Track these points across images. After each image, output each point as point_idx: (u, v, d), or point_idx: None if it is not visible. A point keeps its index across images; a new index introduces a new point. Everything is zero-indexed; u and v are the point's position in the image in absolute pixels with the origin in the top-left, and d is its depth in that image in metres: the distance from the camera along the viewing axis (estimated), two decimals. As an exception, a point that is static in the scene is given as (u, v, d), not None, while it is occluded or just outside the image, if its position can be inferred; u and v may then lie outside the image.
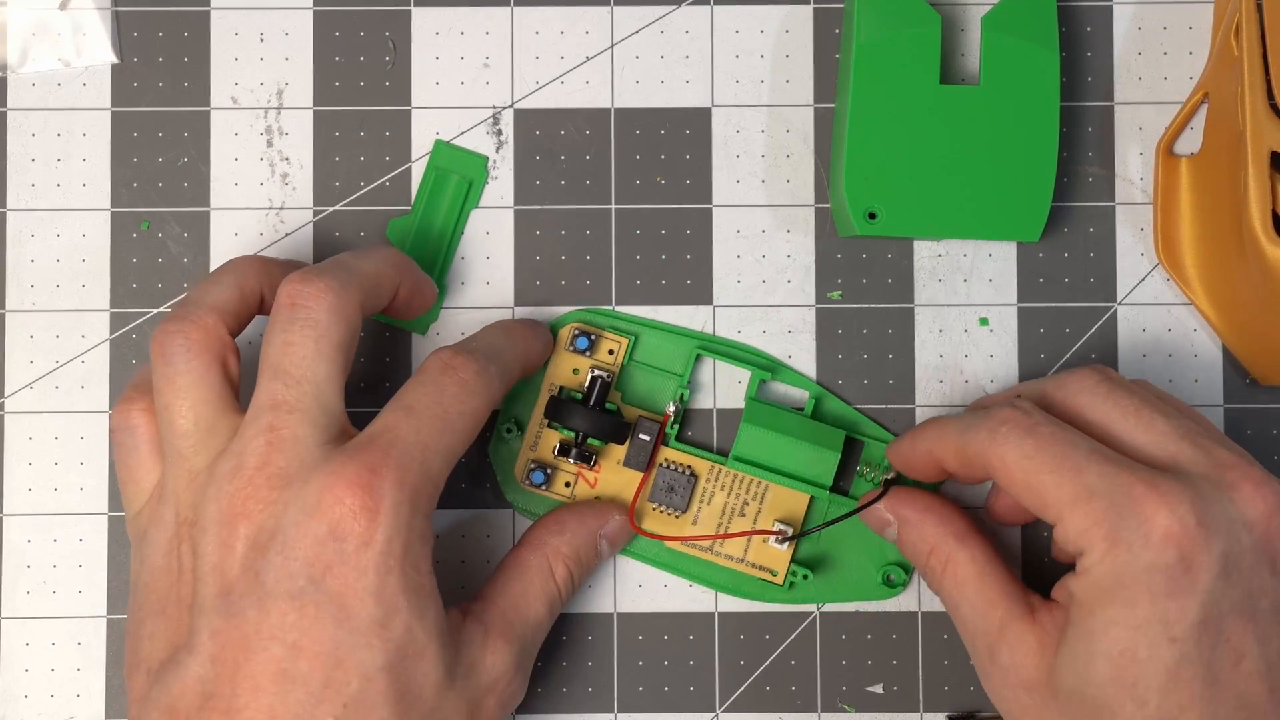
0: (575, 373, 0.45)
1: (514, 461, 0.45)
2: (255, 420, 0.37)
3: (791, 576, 0.45)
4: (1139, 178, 0.46)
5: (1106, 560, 0.36)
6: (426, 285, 0.43)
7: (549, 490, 0.45)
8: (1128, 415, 0.38)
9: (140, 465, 0.40)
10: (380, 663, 0.36)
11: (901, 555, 0.44)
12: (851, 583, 0.45)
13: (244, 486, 0.36)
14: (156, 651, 0.38)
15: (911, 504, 0.42)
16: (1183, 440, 0.38)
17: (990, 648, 0.39)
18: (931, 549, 0.41)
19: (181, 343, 0.38)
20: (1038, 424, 0.38)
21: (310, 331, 0.38)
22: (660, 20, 0.46)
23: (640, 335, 0.45)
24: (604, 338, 0.45)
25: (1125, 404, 0.39)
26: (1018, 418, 0.38)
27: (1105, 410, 0.39)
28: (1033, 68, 0.44)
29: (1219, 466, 0.37)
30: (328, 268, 0.39)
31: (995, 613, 0.39)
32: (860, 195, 0.43)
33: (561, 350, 0.45)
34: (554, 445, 0.44)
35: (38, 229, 0.46)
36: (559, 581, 0.42)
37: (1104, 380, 0.40)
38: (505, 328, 0.43)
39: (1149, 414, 0.38)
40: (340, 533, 0.36)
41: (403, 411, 0.38)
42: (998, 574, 0.40)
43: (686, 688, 0.45)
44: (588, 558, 0.43)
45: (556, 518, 0.43)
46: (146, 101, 0.46)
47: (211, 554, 0.36)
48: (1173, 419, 0.38)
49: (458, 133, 0.46)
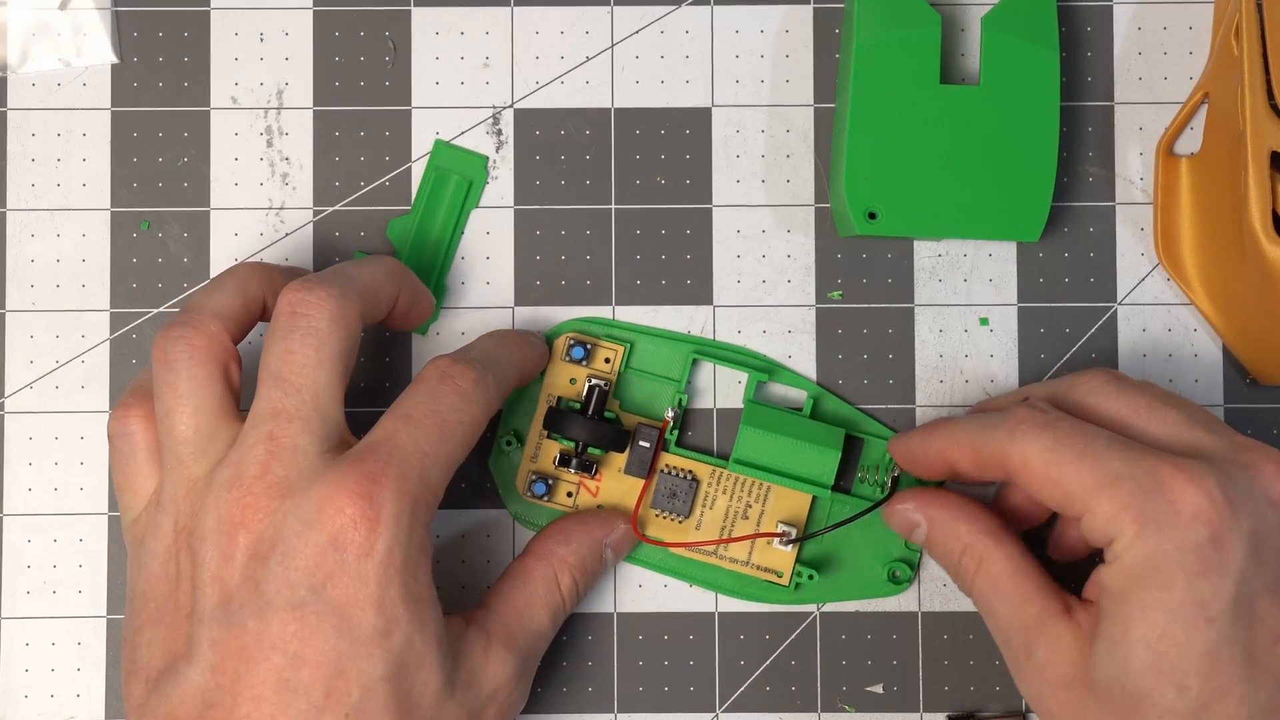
0: (572, 382, 0.45)
1: (515, 474, 0.45)
2: (255, 428, 0.37)
3: (797, 577, 0.45)
4: (1139, 178, 0.46)
5: (1137, 543, 0.36)
6: (425, 296, 0.43)
7: (551, 501, 0.45)
8: (1140, 411, 0.39)
9: (138, 472, 0.39)
10: (381, 672, 0.36)
11: (913, 553, 0.45)
12: (857, 581, 0.45)
13: (243, 495, 0.36)
14: (155, 660, 0.37)
15: (942, 504, 0.42)
16: (1198, 428, 0.38)
17: (1027, 645, 0.39)
18: (964, 548, 0.41)
19: (184, 349, 0.38)
20: (1056, 419, 0.38)
21: (311, 340, 0.38)
22: (660, 20, 0.46)
23: (635, 342, 0.45)
24: (599, 346, 0.45)
25: (1137, 400, 0.39)
26: (1035, 415, 0.38)
27: (1118, 407, 0.39)
28: (1033, 68, 0.44)
29: (1239, 449, 0.37)
30: (328, 276, 0.39)
31: (1031, 609, 0.39)
32: (860, 195, 0.43)
33: (557, 360, 0.45)
34: (554, 456, 0.44)
35: (38, 229, 0.46)
36: (564, 592, 0.42)
37: (1112, 379, 0.40)
38: (501, 337, 0.43)
39: (1162, 407, 0.39)
40: (341, 542, 0.36)
41: (401, 420, 0.38)
42: (1032, 571, 0.40)
43: (686, 688, 0.45)
44: (593, 567, 0.43)
45: (562, 527, 0.43)
46: (146, 101, 0.46)
47: (211, 563, 0.36)
48: (1185, 410, 0.39)
49: (458, 133, 0.46)
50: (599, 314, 0.46)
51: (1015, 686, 0.45)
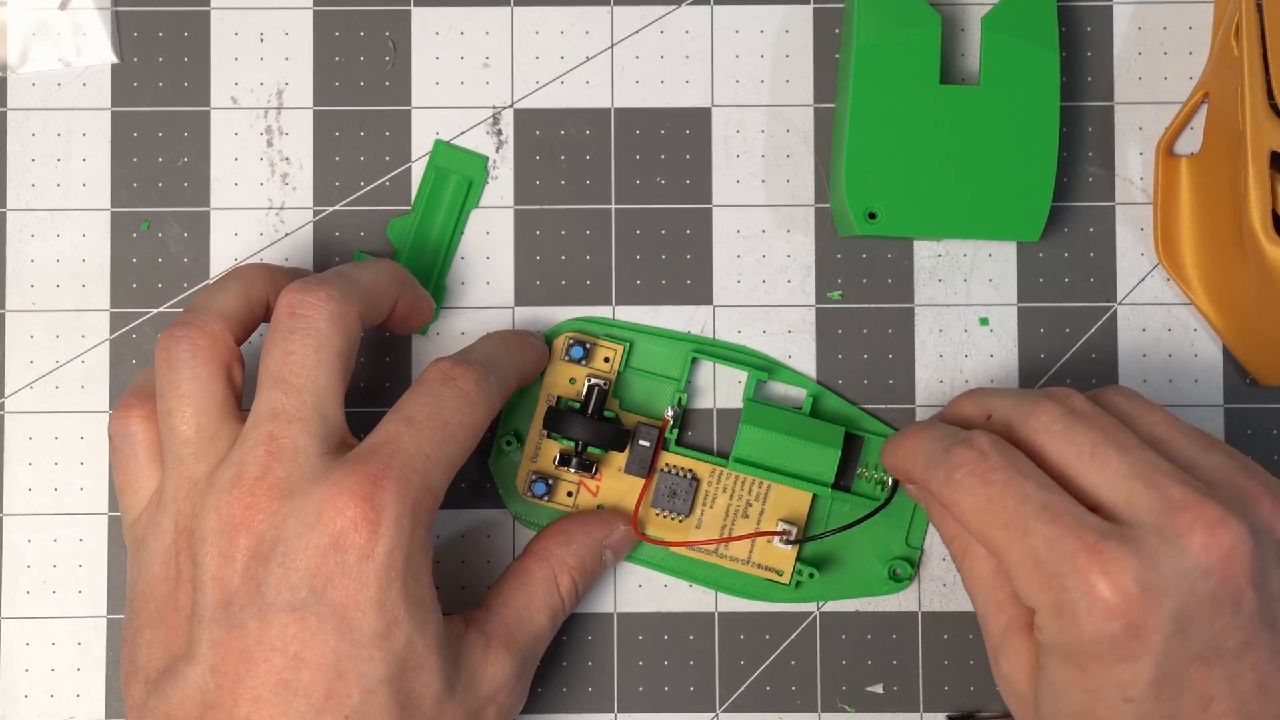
0: (572, 382, 0.45)
1: (515, 474, 0.45)
2: (255, 429, 0.37)
3: (798, 576, 0.45)
4: (1139, 178, 0.46)
5: (1054, 628, 0.35)
6: (425, 300, 0.43)
7: (551, 501, 0.45)
8: (1083, 454, 0.37)
9: (138, 472, 0.39)
10: (382, 674, 0.36)
11: (914, 551, 0.45)
12: (858, 579, 0.45)
13: (244, 496, 0.36)
14: (155, 660, 0.37)
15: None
16: (1135, 480, 0.36)
17: (994, 651, 0.39)
18: (953, 535, 0.41)
19: (188, 348, 0.38)
20: (991, 470, 0.37)
21: (310, 340, 0.38)
22: (660, 20, 0.46)
23: (635, 341, 0.45)
24: (599, 346, 0.45)
25: (1082, 442, 0.37)
26: (973, 461, 0.37)
27: (1062, 450, 0.38)
28: (1033, 68, 0.44)
29: (1171, 510, 0.35)
30: (328, 277, 0.39)
31: (1001, 618, 0.39)
32: (860, 195, 0.43)
33: (557, 360, 0.45)
34: (554, 456, 0.44)
35: (38, 229, 0.46)
36: (563, 593, 0.42)
37: (1063, 417, 0.38)
38: (501, 338, 0.43)
39: (1104, 452, 0.37)
40: (342, 544, 0.36)
41: (403, 422, 0.38)
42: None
43: (686, 688, 0.45)
44: (593, 568, 0.43)
45: (562, 528, 0.43)
46: (146, 101, 0.46)
47: (211, 564, 0.36)
48: (1129, 455, 0.37)
49: (458, 133, 0.46)
50: (599, 314, 0.46)
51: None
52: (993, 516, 0.36)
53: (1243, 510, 0.35)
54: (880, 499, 0.44)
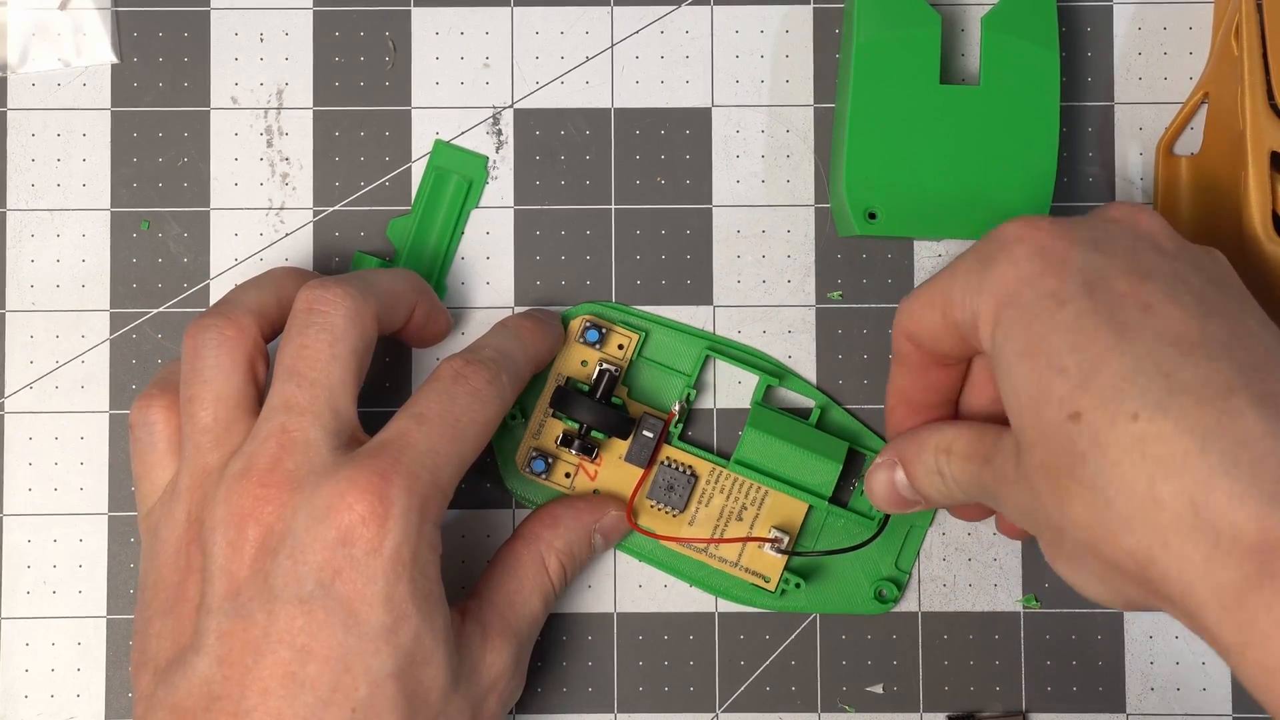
0: (584, 364, 0.45)
1: (516, 448, 0.45)
2: (268, 421, 0.37)
3: (784, 584, 0.45)
4: (1139, 178, 0.46)
5: (985, 287, 0.36)
6: (442, 313, 0.43)
7: (549, 479, 0.45)
8: None
9: (157, 462, 0.40)
10: (389, 669, 0.36)
11: (901, 574, 0.45)
12: (842, 595, 0.45)
13: (253, 488, 0.37)
14: (163, 651, 0.38)
15: (903, 439, 0.41)
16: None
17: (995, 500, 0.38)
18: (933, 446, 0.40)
19: (215, 337, 0.38)
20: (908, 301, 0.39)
21: (326, 335, 0.38)
22: (660, 20, 0.46)
23: (651, 332, 0.45)
24: (614, 332, 0.45)
25: None
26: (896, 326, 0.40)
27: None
28: (1033, 68, 0.44)
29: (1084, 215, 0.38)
30: (347, 277, 0.40)
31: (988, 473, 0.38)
32: (860, 195, 0.43)
33: (571, 341, 0.45)
34: (557, 435, 0.44)
35: (38, 229, 0.46)
36: (552, 575, 0.42)
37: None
38: (515, 328, 0.43)
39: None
40: (350, 539, 0.36)
41: (414, 419, 0.38)
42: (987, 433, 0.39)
43: (686, 688, 0.45)
44: (581, 552, 0.43)
45: (550, 511, 0.43)
46: (146, 101, 0.46)
47: (220, 554, 0.37)
48: None
49: (458, 133, 0.46)
50: (599, 314, 0.46)
51: (1015, 685, 0.45)
52: (922, 299, 0.38)
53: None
54: (875, 518, 0.44)
